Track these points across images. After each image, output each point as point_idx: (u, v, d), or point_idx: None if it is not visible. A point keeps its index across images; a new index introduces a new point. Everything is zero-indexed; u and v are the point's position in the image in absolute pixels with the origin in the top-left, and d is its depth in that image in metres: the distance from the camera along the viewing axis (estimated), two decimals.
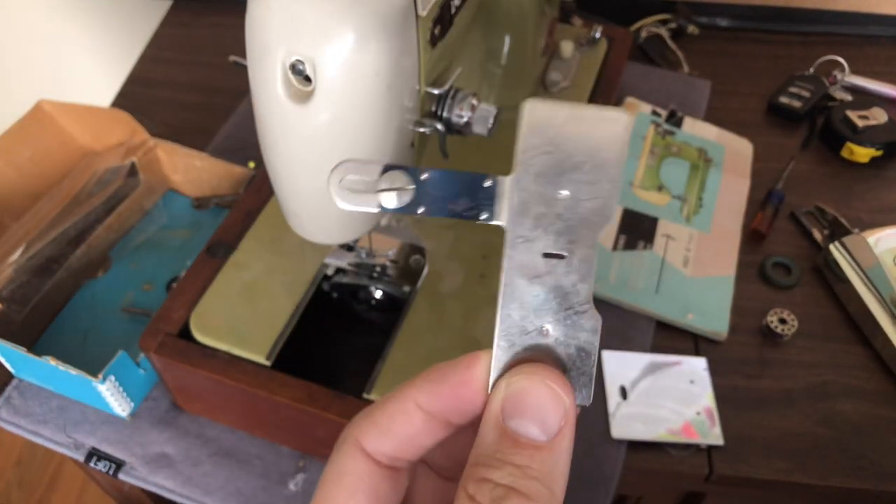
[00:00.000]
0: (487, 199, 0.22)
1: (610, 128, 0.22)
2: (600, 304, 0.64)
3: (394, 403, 0.23)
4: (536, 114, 0.22)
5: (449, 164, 0.47)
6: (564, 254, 0.22)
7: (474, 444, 0.21)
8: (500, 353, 0.22)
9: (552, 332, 0.22)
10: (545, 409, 0.21)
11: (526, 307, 0.22)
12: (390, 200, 0.22)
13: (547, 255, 0.22)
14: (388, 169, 0.22)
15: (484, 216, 0.22)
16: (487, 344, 0.23)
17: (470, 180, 0.22)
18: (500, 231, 0.23)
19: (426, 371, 0.23)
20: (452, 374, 0.22)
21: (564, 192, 0.22)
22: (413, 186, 0.22)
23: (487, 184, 0.22)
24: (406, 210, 0.22)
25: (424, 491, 0.25)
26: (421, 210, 0.22)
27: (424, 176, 0.22)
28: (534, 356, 0.22)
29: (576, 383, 0.22)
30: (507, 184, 0.22)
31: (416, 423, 0.22)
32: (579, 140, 0.22)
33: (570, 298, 0.22)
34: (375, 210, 0.22)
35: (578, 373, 0.22)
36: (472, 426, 0.22)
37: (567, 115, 0.22)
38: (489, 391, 0.22)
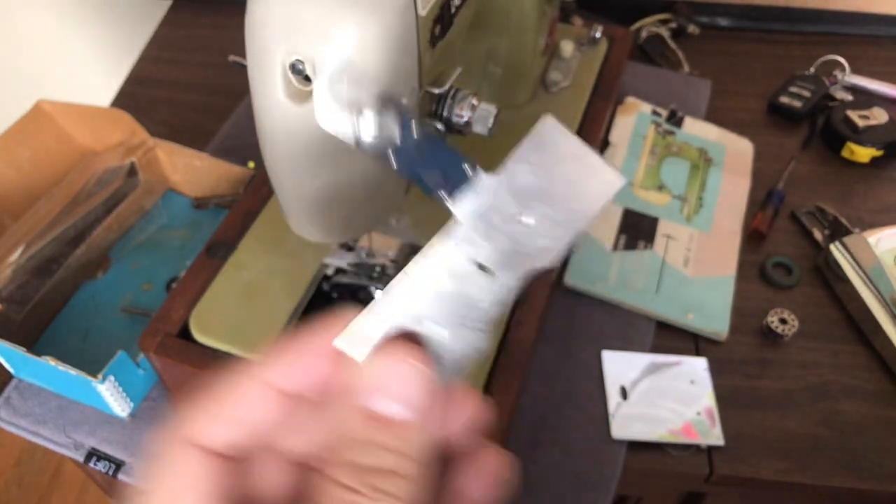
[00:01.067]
0: (458, 184, 0.22)
1: (601, 185, 0.21)
2: (601, 304, 0.64)
3: (238, 388, 0.21)
4: (547, 132, 0.21)
5: None
6: (495, 273, 0.21)
7: (336, 427, 0.20)
8: (368, 325, 0.21)
9: (435, 329, 0.21)
10: (409, 387, 0.20)
11: (424, 295, 0.21)
12: (368, 130, 0.21)
13: (479, 266, 0.21)
14: (385, 98, 0.21)
15: (446, 198, 0.22)
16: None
17: (454, 159, 0.22)
18: None
19: (275, 347, 0.21)
20: (308, 346, 0.21)
21: (528, 220, 0.21)
22: (398, 127, 0.21)
23: (468, 171, 0.22)
24: (377, 147, 0.21)
25: (269, 478, 0.23)
26: (392, 158, 0.21)
27: (414, 127, 0.21)
28: (402, 335, 0.21)
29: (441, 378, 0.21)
30: (484, 182, 0.21)
31: (267, 404, 0.21)
32: (569, 179, 0.21)
33: (473, 313, 0.21)
34: (349, 139, 0.21)
35: (445, 374, 0.22)
36: (325, 402, 0.21)
37: (574, 149, 0.21)
38: (352, 366, 0.21)
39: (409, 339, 0.21)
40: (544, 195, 0.21)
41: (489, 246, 0.21)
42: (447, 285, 0.21)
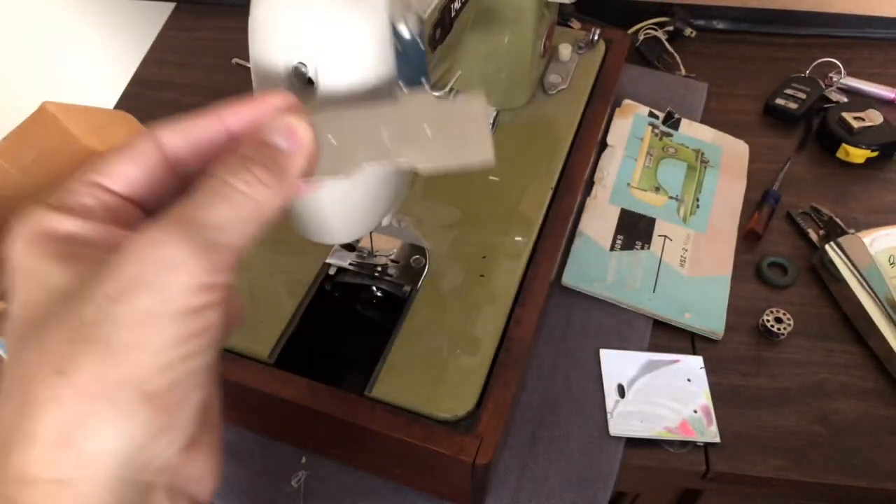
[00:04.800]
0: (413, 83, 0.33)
1: (475, 147, 0.28)
2: (599, 303, 0.65)
3: (202, 116, 0.29)
4: (474, 103, 0.29)
5: None
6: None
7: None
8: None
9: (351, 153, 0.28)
10: (297, 132, 0.27)
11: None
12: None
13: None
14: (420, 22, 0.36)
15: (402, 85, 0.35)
16: (488, 343, 0.22)
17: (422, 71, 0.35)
18: (499, 231, 0.23)
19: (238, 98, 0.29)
20: (265, 102, 0.28)
21: (428, 132, 0.28)
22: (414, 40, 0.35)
23: (424, 81, 0.34)
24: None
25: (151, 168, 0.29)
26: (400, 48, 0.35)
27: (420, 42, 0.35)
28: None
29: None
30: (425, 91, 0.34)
31: (213, 129, 0.29)
32: (460, 131, 0.28)
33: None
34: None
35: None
36: None
37: (481, 125, 0.28)
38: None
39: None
40: (442, 128, 0.28)
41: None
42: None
